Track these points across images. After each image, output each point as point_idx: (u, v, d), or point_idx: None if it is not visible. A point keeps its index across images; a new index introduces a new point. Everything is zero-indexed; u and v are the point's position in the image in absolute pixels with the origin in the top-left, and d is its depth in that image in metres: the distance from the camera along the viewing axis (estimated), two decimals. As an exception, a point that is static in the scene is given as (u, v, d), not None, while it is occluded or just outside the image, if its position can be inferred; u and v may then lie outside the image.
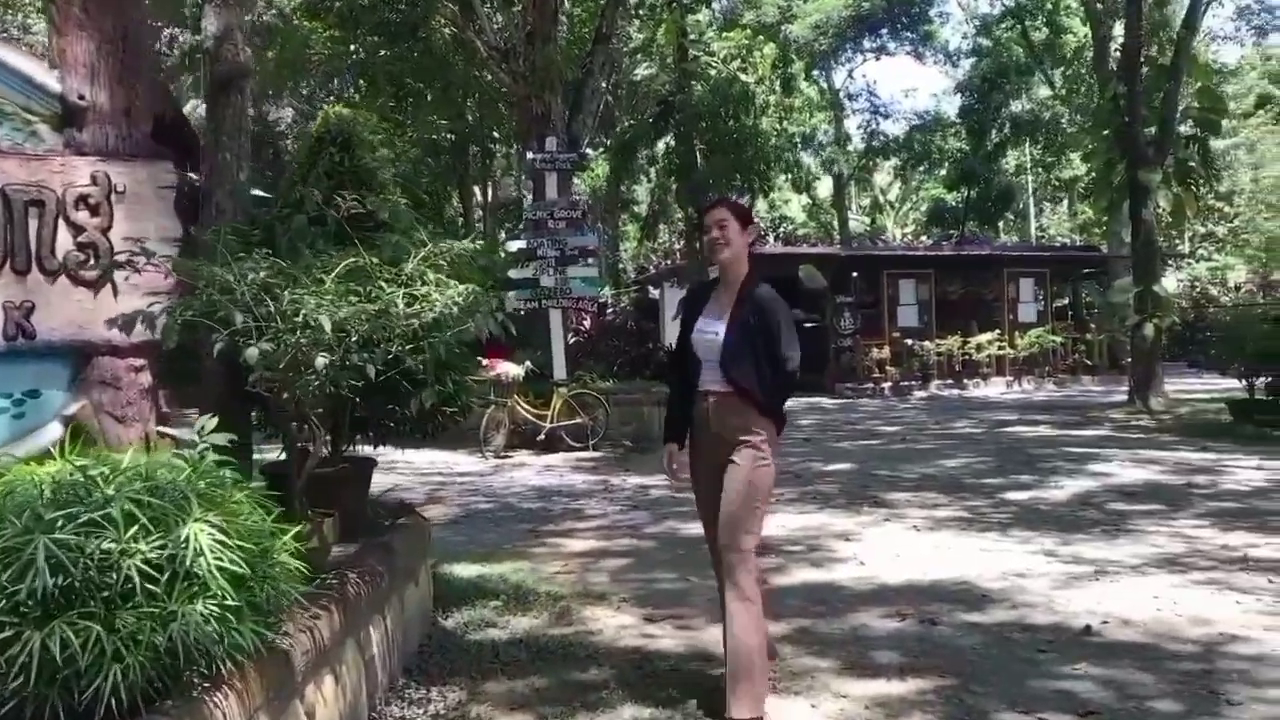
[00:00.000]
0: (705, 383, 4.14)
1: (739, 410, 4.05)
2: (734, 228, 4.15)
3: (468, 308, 3.66)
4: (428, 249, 3.88)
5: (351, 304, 3.41)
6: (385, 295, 3.56)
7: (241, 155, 5.36)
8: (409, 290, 3.72)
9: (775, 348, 4.05)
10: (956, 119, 36.44)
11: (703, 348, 4.15)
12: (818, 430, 16.00)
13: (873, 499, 9.09)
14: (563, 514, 8.73)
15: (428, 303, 3.62)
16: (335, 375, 3.48)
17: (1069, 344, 26.44)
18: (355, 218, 4.97)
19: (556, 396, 13.80)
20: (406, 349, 3.62)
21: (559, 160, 14.36)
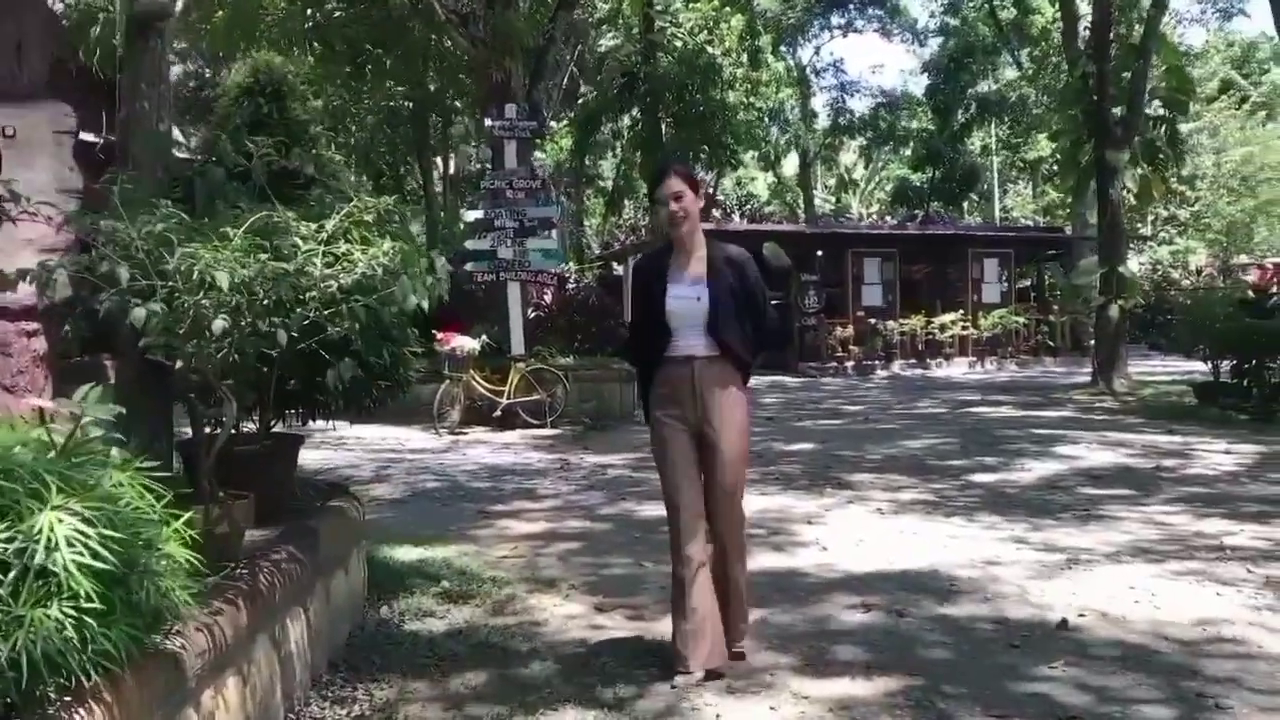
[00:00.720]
0: (687, 348, 4.14)
1: (726, 371, 4.14)
2: (689, 197, 4.16)
3: (394, 269, 3.27)
4: (353, 204, 3.48)
5: (260, 262, 3.02)
6: (301, 253, 3.17)
7: (161, 105, 4.92)
8: (330, 249, 3.33)
9: (756, 304, 4.17)
10: (923, 98, 36.27)
11: (680, 314, 4.13)
12: (780, 409, 15.72)
13: (836, 480, 8.80)
14: (514, 494, 8.37)
15: (348, 262, 3.24)
16: (240, 342, 3.10)
17: (1032, 325, 26.37)
18: (284, 174, 4.59)
19: (514, 372, 13.41)
20: (325, 314, 3.23)
21: (518, 128, 13.92)
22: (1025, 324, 26.13)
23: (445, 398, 12.97)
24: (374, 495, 8.16)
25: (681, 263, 4.19)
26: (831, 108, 36.51)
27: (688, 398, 4.12)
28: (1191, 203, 38.06)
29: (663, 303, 4.15)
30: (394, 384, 4.84)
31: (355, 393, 4.71)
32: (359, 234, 3.45)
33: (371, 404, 4.92)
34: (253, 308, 3.09)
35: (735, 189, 41.48)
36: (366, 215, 3.47)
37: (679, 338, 4.14)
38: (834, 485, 8.57)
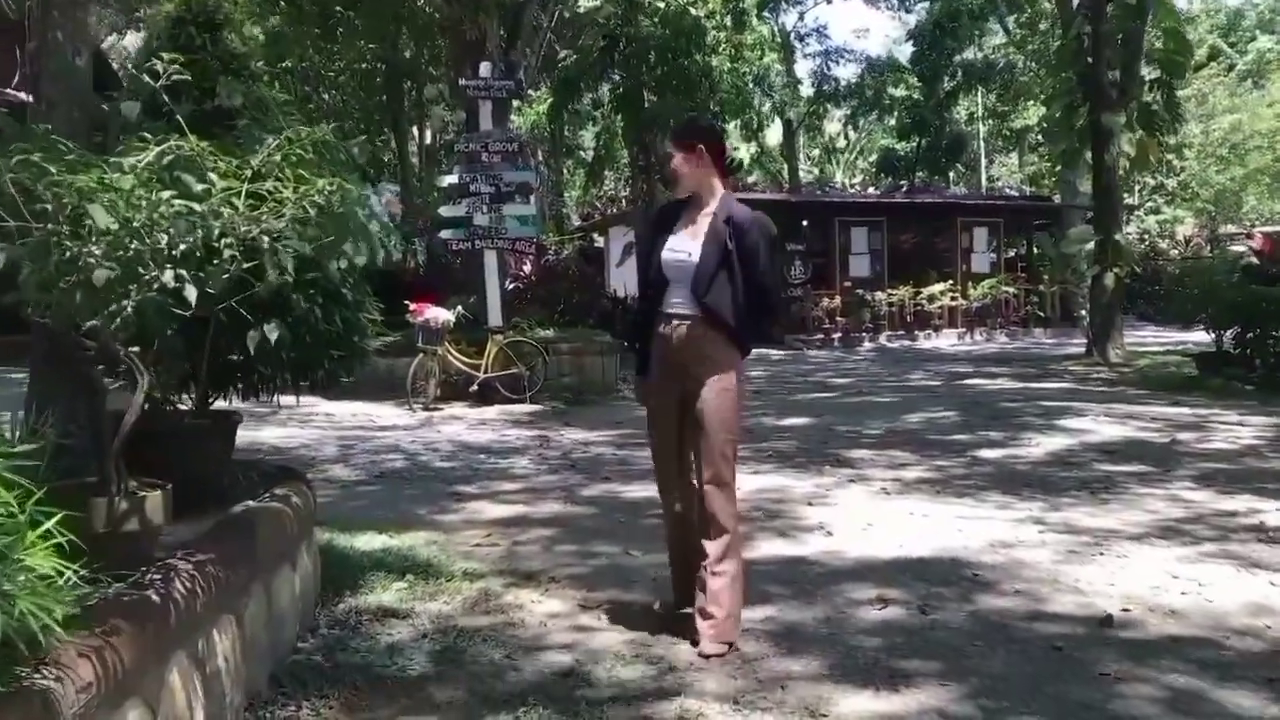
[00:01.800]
0: (672, 305, 4.01)
1: (707, 336, 3.94)
2: (679, 158, 4.04)
3: (333, 212, 2.68)
4: (284, 135, 2.88)
5: (156, 199, 2.42)
6: (217, 192, 2.58)
7: (80, 38, 4.29)
8: (255, 189, 2.74)
9: (754, 271, 3.92)
10: (908, 64, 35.59)
11: (672, 269, 4.01)
12: (768, 383, 15.18)
13: (834, 458, 8.26)
14: (489, 474, 7.78)
15: (275, 204, 2.64)
16: (143, 301, 2.50)
17: (1021, 295, 25.92)
18: (218, 113, 3.98)
19: (491, 344, 12.80)
20: (246, 267, 2.64)
21: (494, 88, 13.23)
22: (1015, 294, 25.67)
23: (419, 372, 12.34)
24: (335, 477, 7.58)
25: (688, 218, 4.06)
26: (816, 75, 35.82)
27: (671, 356, 4.01)
28: (1178, 171, 37.63)
29: (660, 255, 4.05)
30: (348, 354, 4.24)
31: (302, 364, 4.13)
32: (292, 173, 2.85)
33: (323, 376, 4.33)
34: (152, 258, 2.48)
35: (718, 159, 40.78)
36: (300, 149, 2.86)
37: (671, 294, 4.02)
38: (833, 463, 8.03)
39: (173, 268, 2.48)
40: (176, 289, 2.51)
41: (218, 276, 2.64)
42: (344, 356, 4.21)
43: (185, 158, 2.64)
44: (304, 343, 3.93)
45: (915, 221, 26.44)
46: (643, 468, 6.70)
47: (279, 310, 3.19)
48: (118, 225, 2.41)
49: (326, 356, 4.12)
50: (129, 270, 2.42)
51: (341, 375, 4.37)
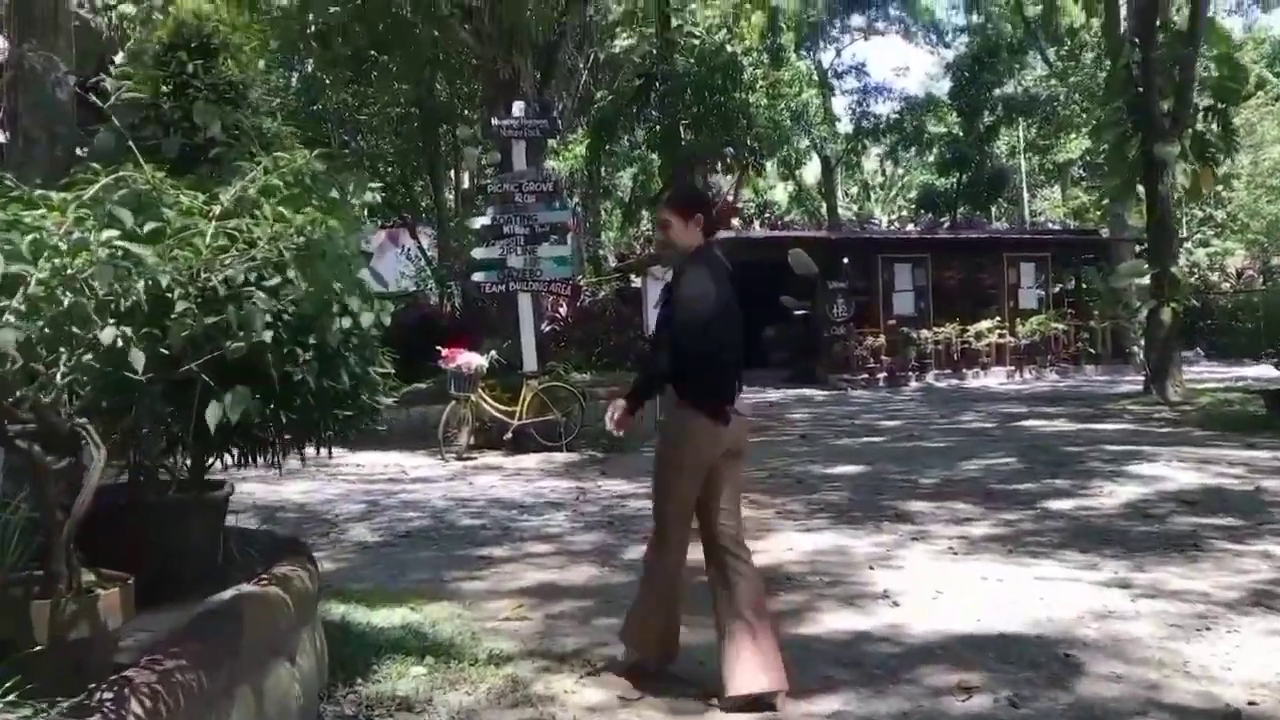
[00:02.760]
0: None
1: (669, 393, 4.04)
2: (676, 226, 4.12)
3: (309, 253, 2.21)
4: (262, 166, 2.43)
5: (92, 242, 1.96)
6: (170, 233, 2.12)
7: (56, 65, 3.90)
8: (221, 226, 2.28)
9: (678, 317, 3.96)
10: (947, 100, 35.11)
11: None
12: (813, 426, 14.62)
13: (892, 511, 7.68)
14: (522, 533, 7.26)
15: (244, 245, 2.18)
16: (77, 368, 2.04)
17: (1071, 331, 25.16)
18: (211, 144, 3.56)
19: (526, 390, 12.35)
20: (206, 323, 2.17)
21: (528, 127, 12.87)
22: (1065, 330, 24.92)
23: (452, 419, 11.92)
24: (357, 537, 7.11)
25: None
26: (854, 111, 35.38)
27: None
28: (1226, 203, 36.73)
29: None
30: (357, 414, 3.77)
31: (302, 426, 3.66)
32: (272, 210, 2.39)
33: (329, 438, 3.86)
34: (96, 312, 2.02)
35: (755, 196, 40.39)
36: (282, 180, 2.40)
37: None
38: (891, 517, 7.45)
39: (116, 324, 2.01)
40: (121, 350, 2.04)
41: (177, 334, 2.17)
42: (352, 416, 3.73)
43: (137, 192, 2.17)
44: (301, 404, 3.46)
45: (960, 257, 25.81)
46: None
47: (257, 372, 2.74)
48: (47, 273, 1.95)
49: (330, 417, 3.64)
50: (59, 330, 1.96)
51: (350, 435, 3.89)
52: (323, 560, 6.21)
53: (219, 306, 2.20)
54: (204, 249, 2.17)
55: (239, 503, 5.49)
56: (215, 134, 3.14)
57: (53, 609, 2.37)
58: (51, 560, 2.46)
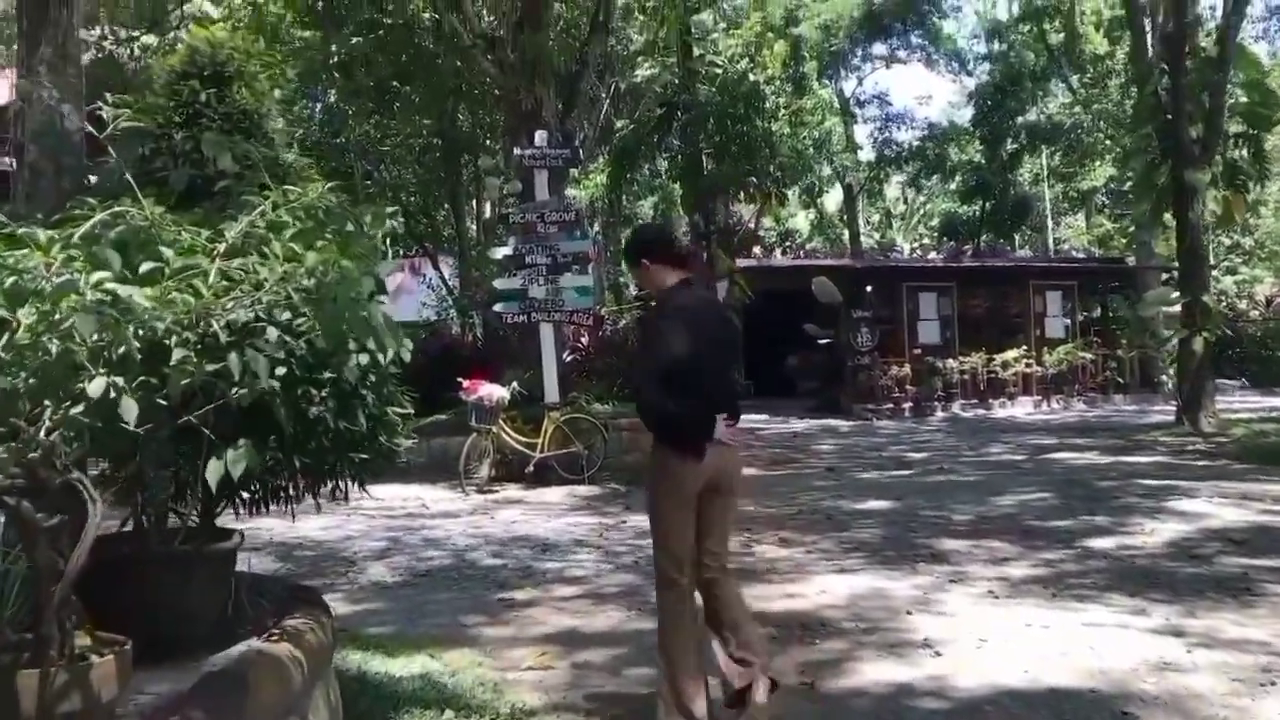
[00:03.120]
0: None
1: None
2: (642, 275, 4.27)
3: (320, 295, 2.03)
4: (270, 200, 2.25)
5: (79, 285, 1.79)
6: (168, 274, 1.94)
7: (67, 96, 3.76)
8: (228, 266, 2.10)
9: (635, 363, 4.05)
10: (969, 127, 34.91)
11: None
12: (839, 458, 14.37)
13: (926, 550, 7.43)
14: (546, 573, 7.03)
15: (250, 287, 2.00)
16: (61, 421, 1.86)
17: (1099, 361, 24.80)
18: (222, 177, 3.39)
19: (548, 422, 12.17)
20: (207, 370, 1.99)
21: (550, 156, 12.75)
22: (1092, 360, 24.56)
23: (473, 452, 11.74)
24: (376, 578, 6.91)
25: None
26: (875, 139, 35.22)
27: None
28: (1253, 230, 36.35)
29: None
30: (373, 457, 3.58)
31: (318, 472, 3.48)
32: (282, 248, 2.21)
33: (345, 482, 3.67)
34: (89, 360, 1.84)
35: (776, 225, 40.23)
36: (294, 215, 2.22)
37: None
38: (925, 557, 7.20)
39: (108, 374, 1.83)
40: (113, 402, 1.86)
41: (176, 384, 1.99)
42: (369, 460, 3.54)
43: (136, 229, 2.00)
44: (316, 447, 3.28)
45: (985, 285, 25.52)
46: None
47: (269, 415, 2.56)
48: (34, 318, 1.77)
49: (346, 460, 3.46)
50: (45, 380, 1.78)
51: (366, 480, 3.71)
52: (340, 602, 6.03)
53: (220, 353, 2.02)
54: (205, 291, 2.00)
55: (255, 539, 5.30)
56: (225, 166, 2.97)
57: (41, 679, 2.18)
58: (42, 624, 2.27)
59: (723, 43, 20.39)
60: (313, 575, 6.99)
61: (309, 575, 6.95)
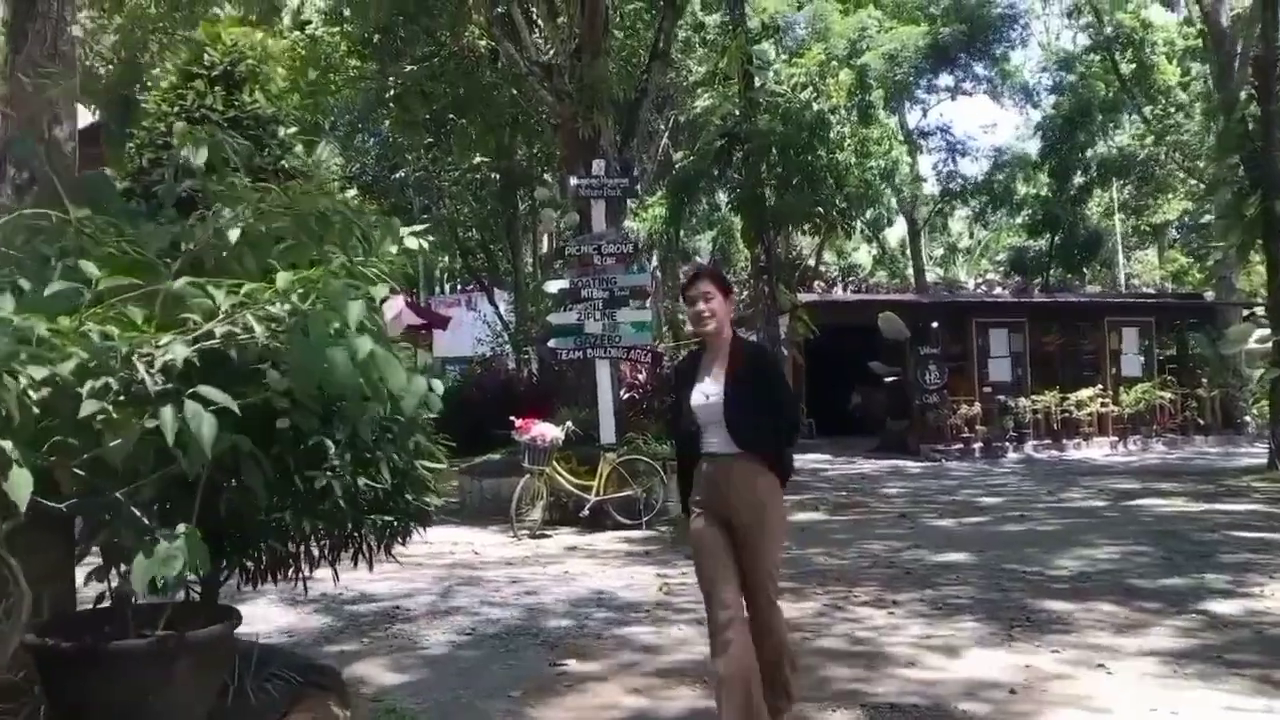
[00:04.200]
0: (711, 445, 4.22)
1: (750, 467, 4.16)
2: (718, 300, 4.24)
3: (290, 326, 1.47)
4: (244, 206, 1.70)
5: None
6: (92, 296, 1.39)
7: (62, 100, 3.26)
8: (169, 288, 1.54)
9: (775, 398, 4.21)
10: (1037, 159, 34.06)
11: (704, 414, 4.24)
12: (910, 502, 13.60)
13: (1023, 613, 6.69)
14: (604, 637, 6.38)
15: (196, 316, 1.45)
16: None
17: (1178, 400, 23.71)
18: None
19: (604, 463, 11.59)
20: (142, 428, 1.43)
21: (608, 186, 12.24)
22: (1171, 399, 23.49)
23: (525, 494, 11.19)
24: (418, 638, 6.33)
25: (708, 362, 4.31)
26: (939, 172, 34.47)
27: (716, 494, 4.21)
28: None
29: (688, 403, 4.28)
30: (400, 519, 3.01)
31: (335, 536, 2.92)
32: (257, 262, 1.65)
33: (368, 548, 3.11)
34: None
35: (838, 260, 39.54)
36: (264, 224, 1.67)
37: (706, 434, 4.24)
38: (1023, 622, 6.47)
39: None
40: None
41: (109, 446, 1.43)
42: (393, 522, 2.98)
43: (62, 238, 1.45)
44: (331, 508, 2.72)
45: (1058, 321, 24.62)
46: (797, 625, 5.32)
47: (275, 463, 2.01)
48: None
49: (366, 523, 2.89)
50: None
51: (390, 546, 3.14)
52: (378, 668, 5.47)
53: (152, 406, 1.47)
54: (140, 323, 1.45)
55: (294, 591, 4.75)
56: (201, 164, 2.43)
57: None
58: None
59: (785, 72, 19.86)
60: (352, 634, 6.45)
61: (348, 635, 6.42)
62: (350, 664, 5.58)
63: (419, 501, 3.05)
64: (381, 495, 2.88)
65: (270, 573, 3.07)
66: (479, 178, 22.47)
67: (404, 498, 2.99)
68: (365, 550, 3.14)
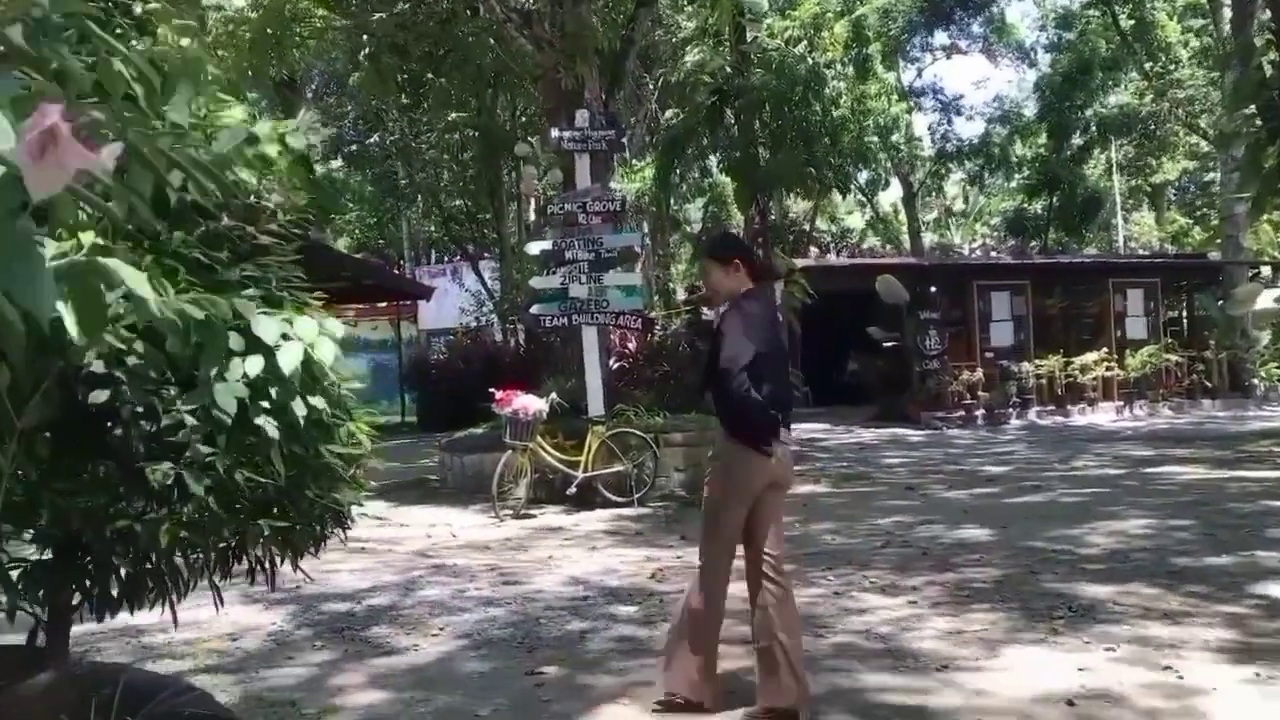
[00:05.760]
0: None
1: (720, 431, 4.28)
2: (717, 274, 4.34)
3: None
4: None
5: None
6: None
7: None
8: None
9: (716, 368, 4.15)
10: (1034, 120, 33.24)
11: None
12: (914, 473, 12.88)
13: (1062, 600, 5.92)
14: (587, 635, 5.60)
15: None
16: None
17: (1185, 363, 23.02)
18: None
19: (592, 437, 10.82)
20: None
21: (592, 139, 11.40)
22: (1178, 362, 22.80)
23: (508, 471, 10.41)
24: (380, 639, 5.52)
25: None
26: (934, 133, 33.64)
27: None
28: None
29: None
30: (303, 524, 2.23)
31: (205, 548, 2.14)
32: None
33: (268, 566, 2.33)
34: None
35: (831, 225, 38.68)
36: None
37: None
38: (1060, 610, 5.71)
39: None
40: None
41: None
42: (288, 529, 2.20)
43: None
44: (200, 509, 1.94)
45: (1061, 284, 23.91)
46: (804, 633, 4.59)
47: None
48: None
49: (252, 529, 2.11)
50: None
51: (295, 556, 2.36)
52: (314, 683, 4.71)
53: None
54: None
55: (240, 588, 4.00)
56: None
57: None
58: None
59: (778, 25, 18.96)
60: (294, 640, 5.67)
61: (291, 643, 5.64)
62: (278, 680, 4.82)
63: (326, 500, 2.26)
64: (271, 492, 2.10)
65: (127, 599, 2.29)
66: (459, 139, 21.54)
67: (305, 496, 2.21)
68: (264, 565, 2.36)
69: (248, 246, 2.29)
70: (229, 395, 1.82)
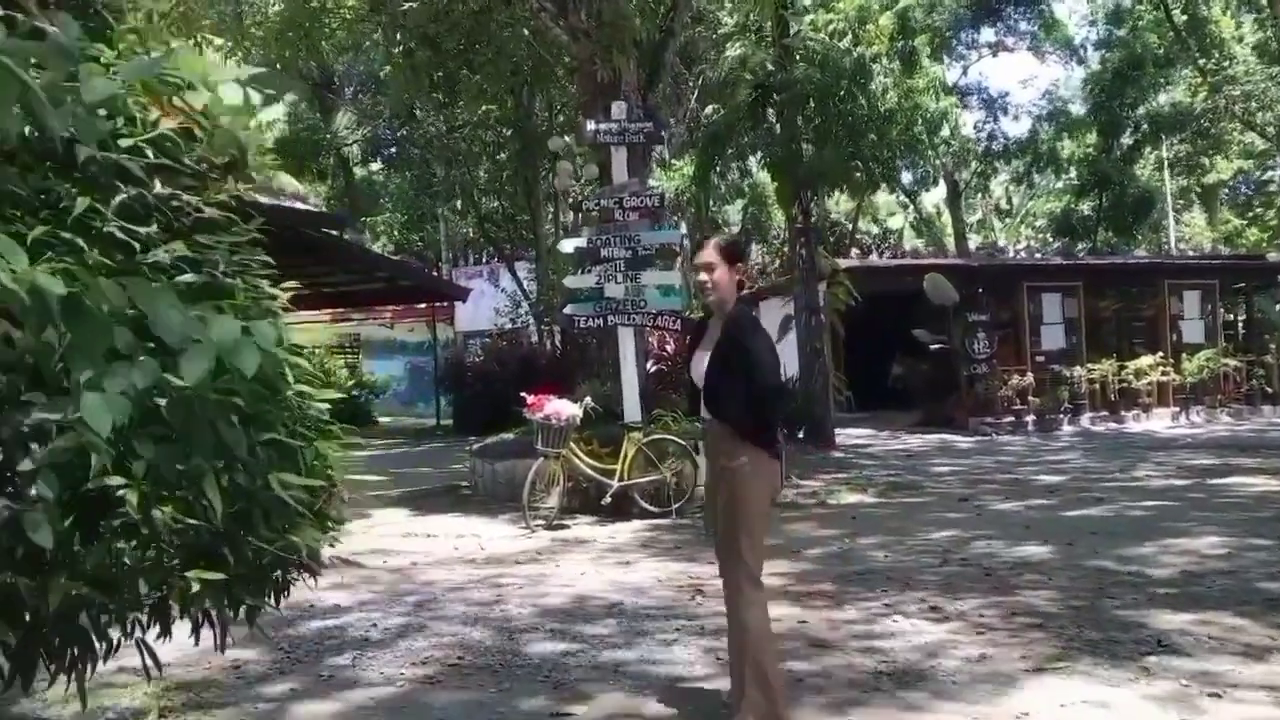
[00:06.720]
0: (704, 411, 4.26)
1: (725, 437, 4.12)
2: (721, 270, 4.19)
3: None
4: None
5: None
6: None
7: None
8: None
9: (748, 368, 4.04)
10: (1086, 116, 32.37)
11: (697, 379, 4.26)
12: (965, 483, 12.29)
13: (1141, 633, 5.34)
14: (621, 668, 5.03)
15: None
16: None
17: (1244, 368, 22.18)
18: None
19: (628, 444, 10.32)
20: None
21: (629, 131, 10.90)
22: (1236, 367, 21.97)
23: (539, 480, 9.94)
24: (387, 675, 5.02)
25: (712, 329, 4.28)
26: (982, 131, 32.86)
27: (707, 461, 4.44)
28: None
29: (690, 369, 4.34)
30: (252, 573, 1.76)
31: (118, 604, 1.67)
32: None
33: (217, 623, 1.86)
34: None
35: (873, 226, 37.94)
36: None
37: (703, 400, 4.24)
38: (1141, 645, 5.12)
39: None
40: None
41: None
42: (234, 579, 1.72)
43: None
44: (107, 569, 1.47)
45: (1114, 286, 23.13)
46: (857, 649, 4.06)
47: None
48: None
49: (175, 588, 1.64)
50: None
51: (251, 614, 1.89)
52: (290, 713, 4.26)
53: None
54: None
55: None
56: None
57: None
58: None
59: (820, 19, 18.37)
60: (302, 668, 5.21)
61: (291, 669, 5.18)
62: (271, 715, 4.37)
63: (281, 542, 1.79)
64: (205, 536, 1.63)
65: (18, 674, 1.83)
66: (495, 138, 21.13)
67: (256, 537, 1.74)
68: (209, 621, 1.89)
69: (188, 221, 1.82)
70: (103, 411, 1.34)
